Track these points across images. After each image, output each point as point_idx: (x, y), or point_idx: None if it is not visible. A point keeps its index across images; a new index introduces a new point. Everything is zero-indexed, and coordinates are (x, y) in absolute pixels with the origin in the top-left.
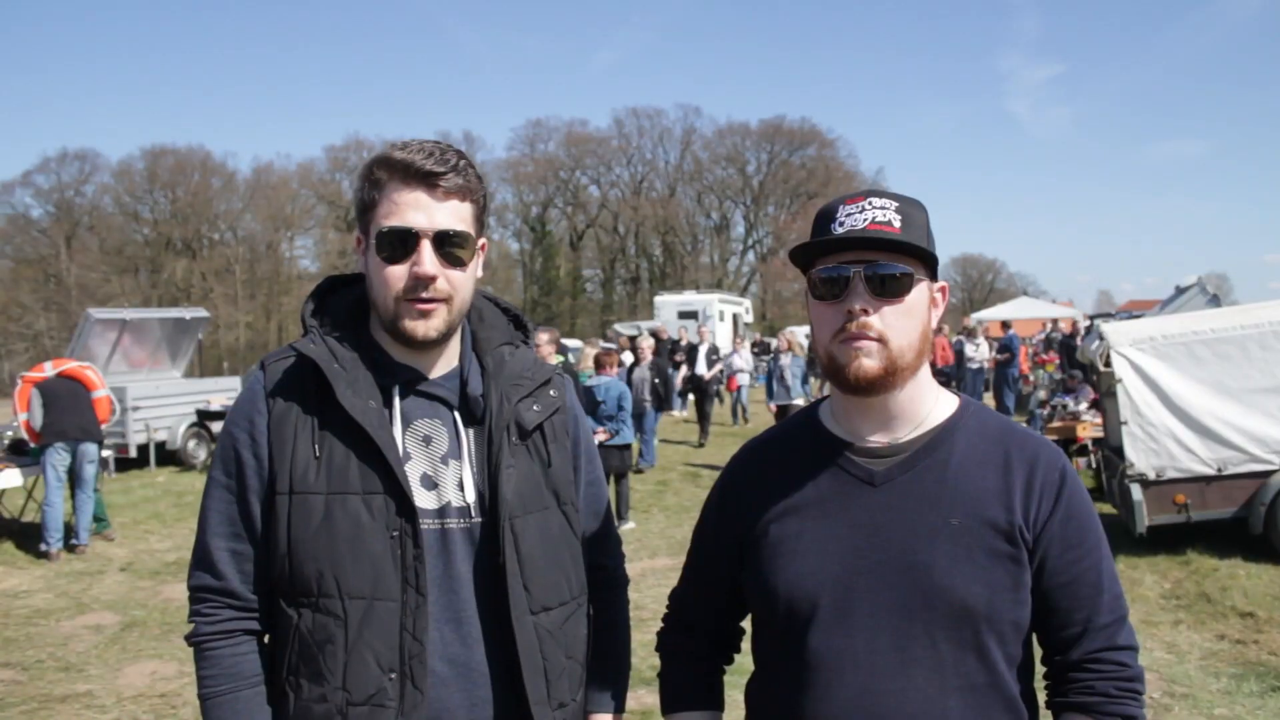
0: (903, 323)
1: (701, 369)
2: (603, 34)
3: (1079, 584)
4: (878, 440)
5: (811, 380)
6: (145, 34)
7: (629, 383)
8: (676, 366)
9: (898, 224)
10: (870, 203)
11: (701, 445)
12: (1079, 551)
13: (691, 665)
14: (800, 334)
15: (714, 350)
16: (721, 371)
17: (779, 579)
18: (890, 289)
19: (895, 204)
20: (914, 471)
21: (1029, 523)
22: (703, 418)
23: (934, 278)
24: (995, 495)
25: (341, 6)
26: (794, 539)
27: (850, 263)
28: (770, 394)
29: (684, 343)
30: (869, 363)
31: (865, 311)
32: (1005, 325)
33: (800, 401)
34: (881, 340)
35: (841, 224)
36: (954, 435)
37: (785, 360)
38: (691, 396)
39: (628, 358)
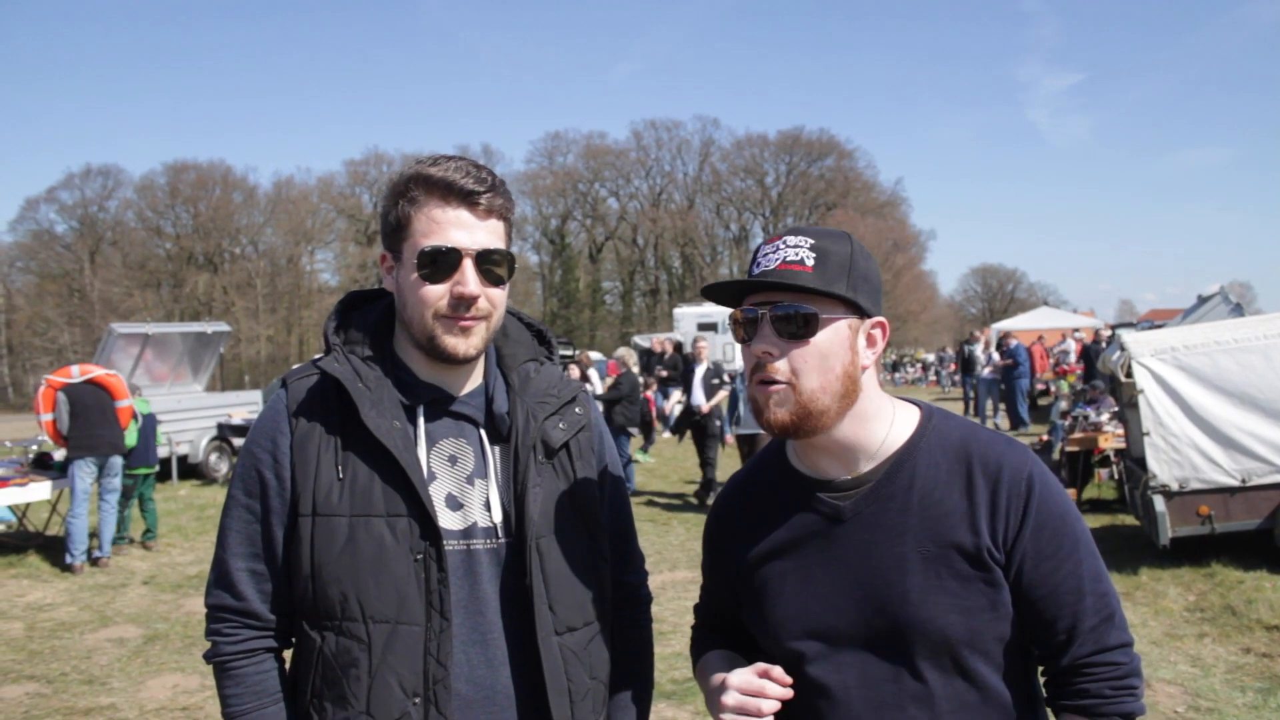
0: (812, 364)
1: (699, 398)
2: (621, 46)
3: (1059, 593)
4: (840, 475)
5: None
6: (166, 51)
7: None
8: (664, 386)
9: (810, 262)
10: (785, 242)
11: (704, 500)
12: (1054, 561)
13: (722, 644)
14: None
15: (714, 372)
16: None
17: (769, 623)
18: (797, 330)
19: (811, 241)
20: (878, 503)
21: (997, 542)
22: (704, 464)
23: (863, 314)
24: (960, 517)
25: (360, 21)
26: (778, 582)
27: (760, 304)
28: (734, 420)
29: (666, 356)
30: (780, 412)
31: (769, 354)
32: (1006, 335)
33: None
34: (791, 384)
35: (759, 265)
36: (915, 457)
37: None
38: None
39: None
